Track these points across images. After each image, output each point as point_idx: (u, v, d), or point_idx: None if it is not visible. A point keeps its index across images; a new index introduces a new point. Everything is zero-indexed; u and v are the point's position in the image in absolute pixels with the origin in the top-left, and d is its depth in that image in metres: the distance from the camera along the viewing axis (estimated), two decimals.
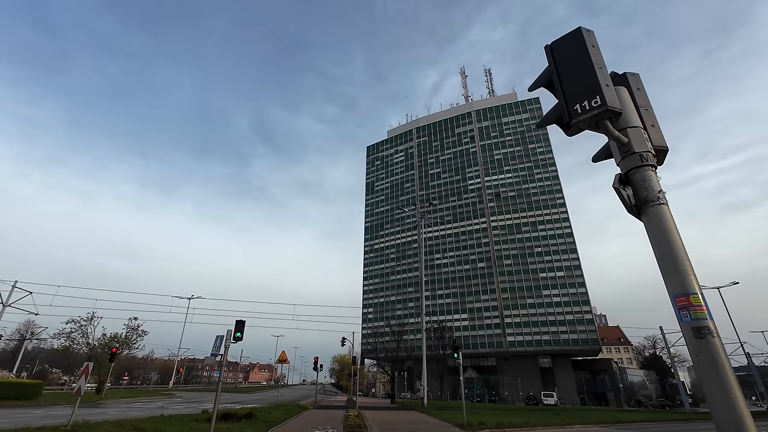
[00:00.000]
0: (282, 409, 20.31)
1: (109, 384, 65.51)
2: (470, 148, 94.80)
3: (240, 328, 12.20)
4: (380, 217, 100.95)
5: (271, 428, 13.13)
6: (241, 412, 15.06)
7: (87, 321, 36.82)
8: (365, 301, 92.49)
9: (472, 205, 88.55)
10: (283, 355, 23.29)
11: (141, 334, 39.69)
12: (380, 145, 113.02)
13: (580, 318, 70.20)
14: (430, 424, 17.04)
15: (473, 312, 77.89)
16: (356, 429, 13.75)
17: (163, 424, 11.68)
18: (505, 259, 79.97)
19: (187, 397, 37.81)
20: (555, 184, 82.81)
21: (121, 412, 19.67)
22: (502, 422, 16.40)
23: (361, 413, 20.03)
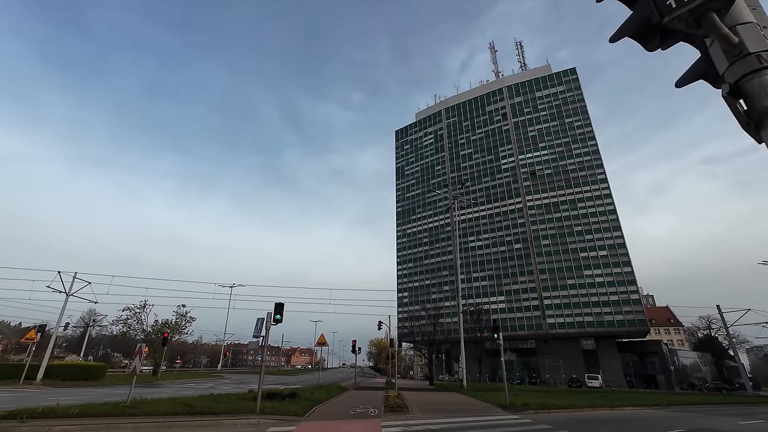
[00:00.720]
0: (323, 389, 20.76)
1: (164, 367, 70.32)
2: (502, 126, 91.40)
3: (279, 310, 12.38)
4: (411, 202, 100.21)
5: (314, 407, 13.36)
6: (285, 392, 15.46)
7: (140, 309, 39.21)
8: (400, 285, 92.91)
9: (506, 185, 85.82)
10: (322, 338, 23.77)
11: (189, 320, 41.86)
12: (409, 128, 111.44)
13: (625, 298, 66.98)
14: (471, 405, 16.78)
15: (510, 294, 76.28)
16: (397, 409, 13.72)
17: (212, 402, 12.14)
18: (542, 239, 77.26)
19: (235, 379, 39.77)
20: (595, 158, 78.43)
21: (175, 391, 20.86)
22: (547, 403, 15.86)
23: (401, 394, 20.10)
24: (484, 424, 11.32)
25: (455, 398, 19.99)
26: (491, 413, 13.91)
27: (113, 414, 9.14)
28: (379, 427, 10.03)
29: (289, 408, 11.92)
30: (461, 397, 20.85)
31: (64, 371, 31.74)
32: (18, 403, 12.75)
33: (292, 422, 10.35)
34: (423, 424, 10.90)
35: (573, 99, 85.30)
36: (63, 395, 17.13)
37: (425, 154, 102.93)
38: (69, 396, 16.58)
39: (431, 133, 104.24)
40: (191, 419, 9.55)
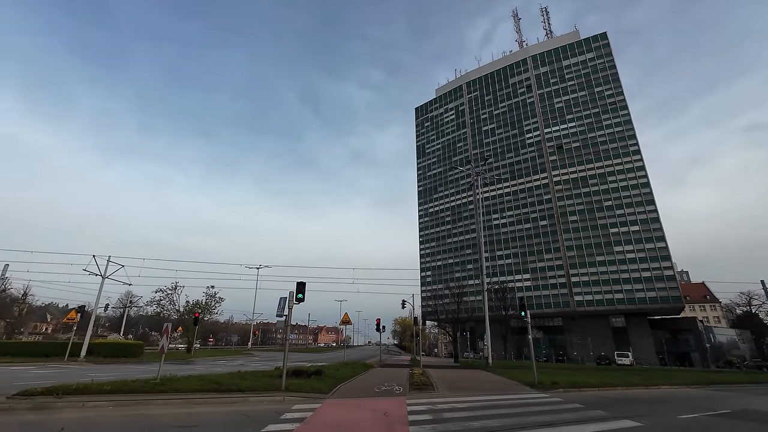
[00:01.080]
0: (348, 367, 20.99)
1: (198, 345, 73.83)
2: (527, 99, 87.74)
3: (301, 289, 12.30)
4: (433, 180, 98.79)
5: (339, 384, 13.42)
6: (311, 370, 15.63)
7: (172, 290, 40.73)
8: (423, 264, 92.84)
9: (531, 161, 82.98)
10: (346, 317, 23.96)
11: (218, 301, 43.24)
12: (429, 105, 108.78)
13: (659, 275, 64.50)
14: (498, 383, 16.52)
15: (536, 272, 74.88)
16: (422, 386, 13.61)
17: (239, 379, 12.35)
18: (570, 215, 74.82)
19: (264, 356, 41.15)
20: (627, 129, 74.43)
21: (206, 368, 21.63)
22: (577, 381, 15.39)
23: (426, 372, 20.07)
24: (511, 402, 11.01)
25: (481, 376, 19.79)
26: (519, 391, 13.59)
27: (143, 390, 9.36)
28: (404, 405, 9.89)
29: (314, 385, 11.97)
30: (487, 374, 20.64)
31: (105, 349, 33.55)
32: (60, 378, 13.40)
33: (317, 400, 10.35)
34: (448, 402, 10.70)
35: (603, 66, 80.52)
36: (103, 371, 18.03)
37: (446, 131, 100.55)
38: (108, 372, 17.42)
39: (452, 109, 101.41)
40: (218, 396, 9.68)
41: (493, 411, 9.29)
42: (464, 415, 8.61)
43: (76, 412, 7.65)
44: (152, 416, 7.59)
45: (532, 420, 8.19)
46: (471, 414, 8.73)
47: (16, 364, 21.68)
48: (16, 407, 7.64)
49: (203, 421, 7.19)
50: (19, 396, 8.17)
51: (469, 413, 8.86)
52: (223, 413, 8.24)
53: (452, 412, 9.03)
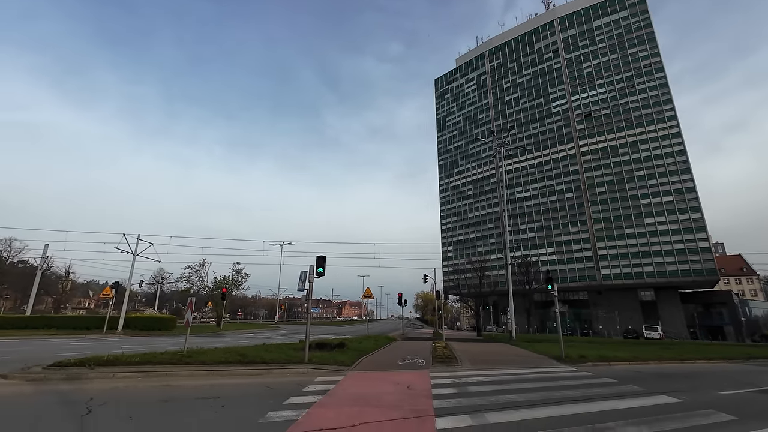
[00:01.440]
0: (371, 340, 21.17)
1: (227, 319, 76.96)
2: (553, 65, 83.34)
3: (321, 264, 12.17)
4: (454, 154, 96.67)
5: (362, 357, 13.46)
6: (334, 342, 15.76)
7: (200, 266, 42.07)
8: (444, 239, 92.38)
9: (557, 130, 79.64)
10: (368, 292, 24.06)
11: (244, 276, 44.42)
12: (448, 76, 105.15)
13: (692, 247, 61.88)
14: (523, 356, 16.24)
15: (561, 245, 73.26)
16: (445, 360, 13.48)
17: (264, 351, 12.54)
18: (597, 186, 72.04)
19: (290, 330, 42.41)
20: (663, 93, 69.89)
21: (234, 340, 22.32)
22: (606, 355, 14.91)
23: (449, 345, 20.02)
24: (538, 376, 10.71)
25: (505, 349, 19.58)
26: (545, 365, 13.27)
27: (171, 362, 9.57)
28: (428, 378, 9.75)
29: (336, 358, 12.01)
30: (511, 348, 20.41)
31: (140, 322, 35.22)
32: (96, 350, 14.02)
33: (340, 372, 10.35)
34: (473, 375, 10.50)
35: (638, 25, 75.00)
36: (136, 344, 18.85)
37: (467, 103, 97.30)
38: (141, 344, 18.19)
39: (473, 79, 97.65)
40: (243, 368, 9.80)
41: (520, 385, 9.01)
42: (490, 389, 8.37)
43: (106, 383, 7.86)
44: (178, 387, 7.70)
45: (561, 395, 7.87)
46: (497, 388, 8.48)
47: (59, 337, 23.02)
48: (51, 377, 7.92)
49: (226, 393, 7.23)
50: (54, 367, 8.47)
51: (494, 387, 8.61)
52: (246, 385, 8.30)
53: (477, 385, 8.81)
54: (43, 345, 17.40)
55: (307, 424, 5.26)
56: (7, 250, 57.37)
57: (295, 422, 5.35)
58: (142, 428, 4.91)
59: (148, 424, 5.05)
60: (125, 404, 6.25)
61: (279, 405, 6.37)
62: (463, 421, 5.63)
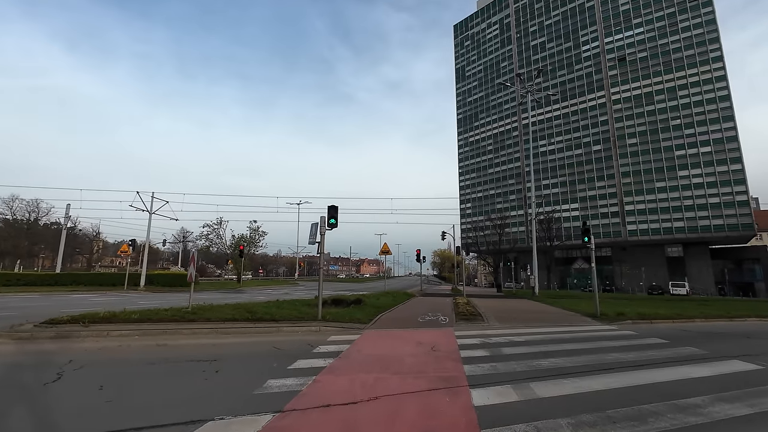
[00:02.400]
0: (390, 296, 20.51)
1: (250, 276, 79.05)
2: (585, 3, 75.84)
3: (333, 214, 11.02)
4: (474, 106, 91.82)
5: (380, 314, 12.65)
6: (350, 299, 15.03)
7: (218, 225, 42.07)
8: (462, 196, 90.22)
9: (586, 77, 73.86)
10: (386, 247, 23.14)
11: (261, 234, 44.43)
12: (469, 20, 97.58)
13: (729, 200, 58.28)
14: (552, 313, 15.17)
15: (585, 201, 70.33)
16: (470, 316, 12.52)
17: (275, 308, 11.83)
18: (628, 138, 67.56)
19: (308, 286, 42.69)
20: (710, 31, 63.05)
21: (251, 296, 22.11)
22: (645, 313, 13.65)
23: (471, 301, 19.15)
24: (577, 335, 9.59)
25: (531, 306, 18.58)
26: (580, 323, 12.15)
27: (173, 319, 8.85)
28: (453, 337, 8.76)
29: (353, 315, 11.17)
30: (537, 305, 19.40)
31: (162, 279, 35.98)
32: (110, 305, 13.62)
33: (356, 330, 9.47)
34: (503, 334, 9.46)
35: None
36: (152, 299, 18.67)
37: (489, 50, 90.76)
38: (155, 300, 17.97)
39: (496, 23, 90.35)
40: (250, 326, 9.02)
41: (560, 346, 7.90)
42: (526, 350, 7.30)
43: (97, 342, 7.13)
44: (175, 347, 6.91)
45: (613, 358, 6.72)
46: (534, 350, 7.39)
47: (80, 292, 23.35)
48: (39, 336, 7.25)
49: (226, 354, 6.36)
50: (45, 324, 7.82)
51: (531, 348, 7.53)
52: (251, 344, 7.47)
53: (511, 346, 7.74)
54: (61, 300, 17.38)
55: (311, 398, 4.25)
56: (35, 212, 58.95)
57: (297, 394, 4.35)
58: (107, 401, 3.97)
59: (117, 396, 4.12)
60: (105, 368, 5.42)
61: (283, 370, 5.42)
62: (506, 394, 4.53)
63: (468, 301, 18.27)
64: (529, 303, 20.45)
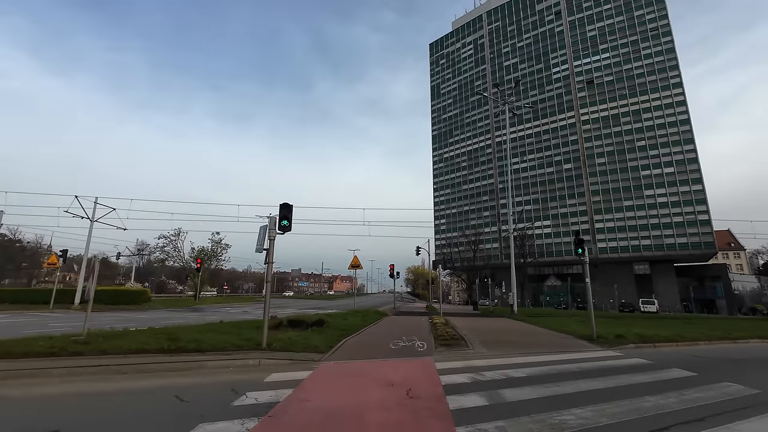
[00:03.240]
0: (359, 315, 18.26)
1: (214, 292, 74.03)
2: (555, 28, 78.57)
3: (286, 214, 8.86)
4: (449, 123, 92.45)
5: (345, 338, 10.47)
6: (311, 319, 12.73)
7: (176, 236, 38.53)
8: (437, 212, 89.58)
9: (557, 98, 75.85)
10: (356, 260, 20.95)
11: (224, 247, 41.11)
12: (444, 40, 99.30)
13: (692, 219, 60.13)
14: (541, 335, 13.43)
15: (557, 218, 71.00)
16: (451, 341, 10.53)
17: (212, 332, 9.42)
18: (597, 157, 69.25)
19: (275, 303, 39.55)
20: (669, 59, 66.26)
21: (200, 316, 19.28)
22: (644, 334, 12.15)
23: (449, 321, 17.21)
24: (585, 367, 7.76)
25: (514, 326, 16.84)
26: (577, 348, 10.42)
27: (48, 354, 6.35)
28: (434, 371, 6.75)
29: (309, 341, 8.93)
30: (520, 324, 17.69)
31: (108, 296, 31.99)
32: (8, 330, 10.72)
33: (309, 363, 7.26)
34: (495, 365, 7.52)
35: None
36: (69, 322, 15.54)
37: (464, 69, 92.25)
38: (73, 322, 14.89)
39: (470, 44, 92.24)
40: (165, 359, 6.64)
41: (575, 385, 6.01)
42: (535, 394, 5.37)
43: None
44: (12, 402, 4.49)
45: (653, 405, 4.90)
46: (545, 392, 5.47)
47: None
48: None
49: (82, 418, 4.03)
50: None
51: (539, 390, 5.61)
52: (143, 392, 5.11)
53: (513, 387, 5.78)
54: None
55: None
56: None
57: None
58: None
59: None
60: None
61: None
62: None
63: (446, 321, 16.33)
64: (511, 322, 18.75)
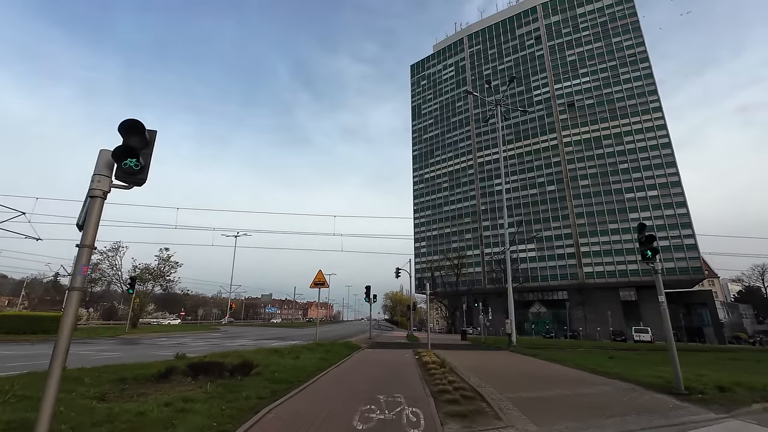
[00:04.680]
0: (321, 350, 13.38)
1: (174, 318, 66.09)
2: (535, 52, 78.86)
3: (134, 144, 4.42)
4: (429, 144, 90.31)
5: (273, 402, 5.80)
6: (233, 363, 7.95)
7: (113, 251, 32.70)
8: (417, 234, 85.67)
9: (539, 120, 75.02)
10: (320, 276, 16.18)
11: (173, 266, 35.38)
12: (426, 61, 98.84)
13: (678, 244, 58.41)
14: (587, 383, 9.04)
15: (542, 241, 68.20)
16: (464, 403, 6.03)
17: None
18: (580, 179, 67.75)
19: (230, 332, 33.73)
20: (648, 84, 66.62)
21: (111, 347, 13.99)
22: (741, 382, 8.05)
23: (443, 358, 12.67)
24: None
25: (531, 366, 12.43)
26: (674, 412, 6.14)
27: None
28: None
29: (182, 422, 4.26)
30: (537, 363, 13.27)
31: (21, 323, 25.82)
32: None
33: None
34: None
35: (623, 14, 71.69)
36: None
37: (445, 90, 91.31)
38: None
39: (451, 65, 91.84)
40: None
41: None
42: None
43: None
44: None
45: None
46: None
47: None
48: None
49: None
50: None
51: None
52: None
53: None
54: None
55: None
56: None
57: None
58: None
59: None
60: None
61: None
62: None
63: (440, 360, 11.79)
64: (521, 359, 14.34)
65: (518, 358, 14.43)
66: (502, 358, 14.63)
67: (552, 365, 12.13)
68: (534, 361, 13.64)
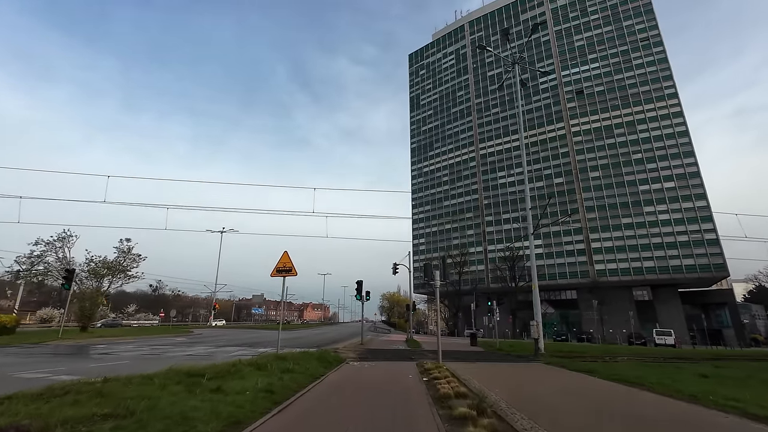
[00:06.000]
0: (276, 368, 8.69)
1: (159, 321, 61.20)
2: (541, 37, 74.51)
3: None
4: (429, 136, 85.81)
5: None
6: None
7: (61, 240, 27.97)
8: (415, 231, 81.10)
9: (545, 109, 70.70)
10: (285, 260, 11.48)
11: (136, 259, 30.65)
12: (425, 50, 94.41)
13: (697, 239, 54.06)
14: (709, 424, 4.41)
15: (549, 237, 63.72)
16: None
17: None
18: (590, 171, 63.41)
19: (198, 336, 28.95)
20: (662, 69, 62.34)
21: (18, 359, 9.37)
22: None
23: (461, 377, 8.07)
24: None
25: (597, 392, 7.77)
26: None
27: None
28: None
29: None
30: (601, 384, 8.62)
31: None
32: None
33: None
34: None
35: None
36: None
37: (445, 79, 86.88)
38: None
39: (452, 54, 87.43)
40: None
41: None
42: None
43: None
44: None
45: None
46: None
47: None
48: None
49: None
50: None
51: None
52: None
53: None
54: None
55: None
56: None
57: None
58: None
59: None
60: None
61: None
62: None
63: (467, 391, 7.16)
64: (581, 381, 9.67)
65: (564, 377, 9.83)
66: (541, 375, 10.04)
67: (623, 388, 7.55)
68: (593, 381, 9.02)
